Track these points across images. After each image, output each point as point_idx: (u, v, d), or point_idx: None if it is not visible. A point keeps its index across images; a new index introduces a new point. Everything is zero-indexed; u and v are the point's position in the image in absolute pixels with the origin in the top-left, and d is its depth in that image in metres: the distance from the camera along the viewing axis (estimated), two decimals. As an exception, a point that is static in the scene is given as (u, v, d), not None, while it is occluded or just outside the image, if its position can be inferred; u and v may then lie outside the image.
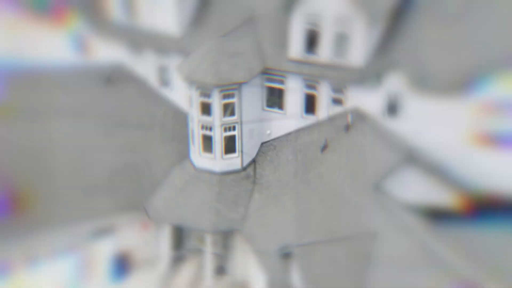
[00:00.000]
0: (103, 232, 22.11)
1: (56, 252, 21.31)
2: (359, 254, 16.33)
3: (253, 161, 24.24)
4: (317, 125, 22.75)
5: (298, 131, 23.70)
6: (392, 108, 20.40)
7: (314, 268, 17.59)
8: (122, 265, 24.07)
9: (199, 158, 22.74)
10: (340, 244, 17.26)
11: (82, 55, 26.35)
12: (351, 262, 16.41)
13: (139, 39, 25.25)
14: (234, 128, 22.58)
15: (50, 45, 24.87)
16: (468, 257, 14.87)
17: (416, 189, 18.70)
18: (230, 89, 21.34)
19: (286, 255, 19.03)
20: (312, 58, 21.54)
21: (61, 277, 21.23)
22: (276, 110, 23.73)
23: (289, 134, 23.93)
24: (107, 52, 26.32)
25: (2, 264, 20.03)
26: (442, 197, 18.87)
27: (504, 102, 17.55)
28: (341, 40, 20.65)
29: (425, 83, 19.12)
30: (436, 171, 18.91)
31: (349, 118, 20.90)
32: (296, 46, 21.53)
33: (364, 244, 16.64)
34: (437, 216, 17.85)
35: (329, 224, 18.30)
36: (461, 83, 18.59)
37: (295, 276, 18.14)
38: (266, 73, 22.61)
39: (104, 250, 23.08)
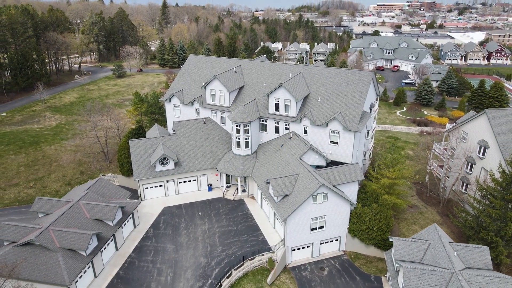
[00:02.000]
0: (203, 175, 53.40)
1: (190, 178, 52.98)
2: (293, 181, 45.58)
3: (255, 151, 54.14)
4: (279, 137, 53.18)
5: (272, 139, 53.80)
6: (305, 131, 51.58)
7: (277, 186, 46.38)
8: (210, 187, 54.28)
9: (235, 150, 52.84)
10: (287, 178, 46.11)
11: (197, 115, 58.15)
12: (291, 183, 45.76)
13: (215, 108, 56.19)
14: (248, 138, 52.14)
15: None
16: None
17: (311, 159, 49.34)
18: (247, 123, 51.21)
19: (267, 183, 47.59)
20: (276, 113, 52.44)
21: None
22: (264, 131, 54.30)
23: (269, 140, 54.03)
24: (205, 113, 57.49)
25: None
26: (320, 161, 49.75)
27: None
28: (287, 107, 51.70)
29: (314, 122, 50.12)
30: (318, 152, 49.86)
31: (291, 134, 51.83)
32: (271, 108, 52.55)
33: (295, 177, 46.22)
34: (317, 167, 48.90)
35: (283, 172, 47.94)
36: (325, 122, 49.61)
37: (270, 190, 46.77)
38: (260, 118, 53.35)
39: (204, 181, 53.86)
